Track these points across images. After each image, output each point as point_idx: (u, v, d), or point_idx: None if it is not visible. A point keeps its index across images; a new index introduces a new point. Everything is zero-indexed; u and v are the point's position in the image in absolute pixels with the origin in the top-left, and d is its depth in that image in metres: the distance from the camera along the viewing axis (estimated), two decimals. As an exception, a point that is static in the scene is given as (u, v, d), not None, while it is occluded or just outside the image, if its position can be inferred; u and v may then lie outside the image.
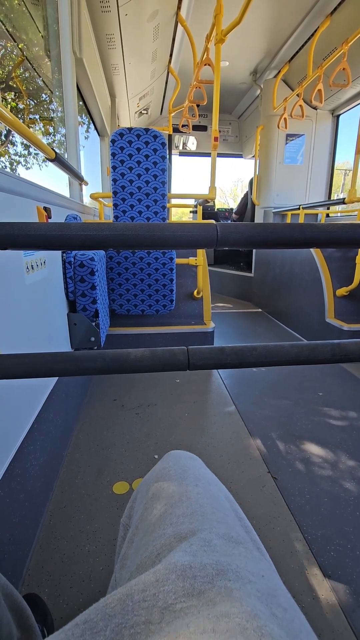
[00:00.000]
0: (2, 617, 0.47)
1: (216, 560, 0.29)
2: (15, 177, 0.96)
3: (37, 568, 0.87)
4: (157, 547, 0.34)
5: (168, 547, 0.33)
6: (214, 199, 2.13)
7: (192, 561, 0.29)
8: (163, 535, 0.35)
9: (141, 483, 0.51)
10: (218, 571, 0.28)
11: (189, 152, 5.30)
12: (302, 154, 3.86)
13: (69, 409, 1.42)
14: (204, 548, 0.32)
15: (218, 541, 0.33)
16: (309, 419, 1.56)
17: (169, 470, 0.48)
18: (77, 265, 1.46)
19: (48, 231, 0.52)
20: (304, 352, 0.61)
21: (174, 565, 0.29)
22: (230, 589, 0.26)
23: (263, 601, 0.26)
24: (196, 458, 0.55)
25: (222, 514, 0.39)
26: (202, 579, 0.27)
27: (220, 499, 0.43)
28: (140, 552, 0.36)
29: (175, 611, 0.25)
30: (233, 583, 0.27)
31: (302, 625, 0.27)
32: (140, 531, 0.40)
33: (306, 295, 2.69)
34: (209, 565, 0.29)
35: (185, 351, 0.60)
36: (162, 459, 0.54)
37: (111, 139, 1.79)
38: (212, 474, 0.51)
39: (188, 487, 0.43)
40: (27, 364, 0.58)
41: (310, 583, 0.84)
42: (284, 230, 0.55)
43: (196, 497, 0.41)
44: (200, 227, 0.54)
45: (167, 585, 0.27)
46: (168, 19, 2.63)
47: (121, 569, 0.39)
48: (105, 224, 0.53)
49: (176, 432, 1.45)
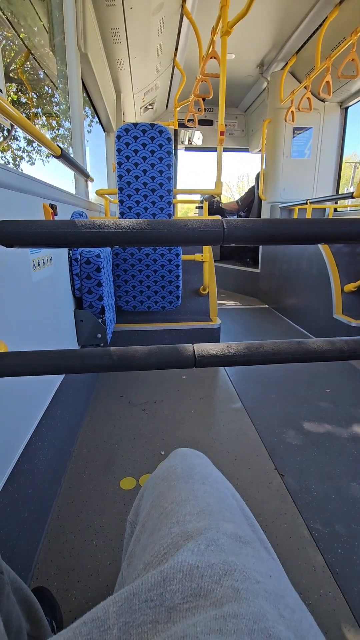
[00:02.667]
0: (12, 610, 0.48)
1: (223, 560, 0.29)
2: (22, 174, 0.96)
3: (45, 562, 0.88)
4: (164, 545, 0.34)
5: (175, 546, 0.33)
6: (221, 194, 2.11)
7: (199, 561, 0.29)
8: (170, 534, 0.35)
9: (148, 481, 0.51)
10: (225, 571, 0.28)
11: (194, 147, 5.26)
12: (310, 147, 3.81)
13: (76, 405, 1.43)
14: (211, 547, 0.31)
15: (225, 541, 0.33)
16: (316, 416, 1.55)
17: (175, 468, 0.48)
18: (83, 262, 1.46)
19: (54, 229, 0.52)
20: (312, 349, 0.61)
21: (180, 565, 0.29)
22: (237, 590, 0.26)
23: (271, 602, 0.26)
24: (203, 456, 0.55)
25: (229, 512, 0.39)
26: (209, 579, 0.27)
27: (227, 498, 0.43)
28: (147, 551, 0.36)
29: (182, 611, 0.25)
30: (240, 583, 0.27)
31: (310, 626, 0.27)
32: (147, 529, 0.40)
33: (313, 291, 2.66)
34: (216, 565, 0.29)
35: (192, 348, 0.59)
36: (169, 457, 0.54)
37: (117, 135, 1.78)
38: (219, 472, 0.51)
39: (195, 485, 0.43)
40: (34, 361, 0.58)
41: (317, 580, 0.84)
42: (291, 226, 0.54)
43: (203, 495, 0.41)
44: (207, 223, 0.54)
45: (174, 585, 0.27)
46: (173, 11, 2.59)
47: (128, 567, 0.39)
48: (112, 221, 0.53)
49: (183, 428, 1.45)
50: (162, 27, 2.72)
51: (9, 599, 0.47)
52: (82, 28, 1.86)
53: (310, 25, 2.77)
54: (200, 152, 5.45)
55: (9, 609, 0.47)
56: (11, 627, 0.46)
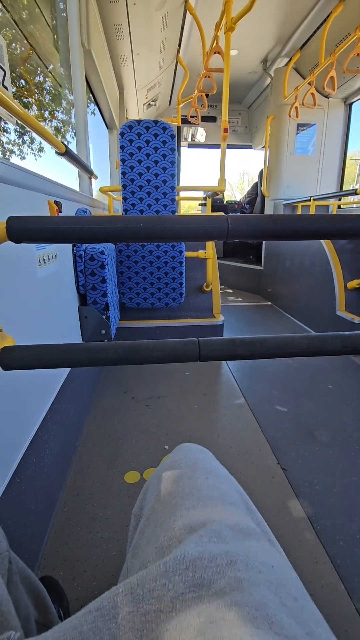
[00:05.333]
0: (21, 598, 0.49)
1: (226, 551, 0.30)
2: (28, 171, 0.97)
3: (52, 552, 0.90)
4: (168, 538, 0.34)
5: (178, 539, 0.33)
6: (224, 191, 2.11)
7: (202, 552, 0.30)
8: (173, 527, 0.36)
9: (152, 475, 0.52)
10: (228, 562, 0.29)
11: (197, 144, 5.24)
12: (314, 144, 3.79)
13: (80, 400, 1.45)
14: (214, 539, 0.32)
15: (228, 532, 0.33)
16: (319, 412, 1.56)
17: (179, 463, 0.49)
18: (87, 259, 1.48)
19: (62, 224, 0.53)
20: (315, 343, 0.61)
21: (183, 556, 0.29)
22: (240, 579, 0.27)
23: (272, 591, 0.26)
24: (206, 451, 0.55)
25: (232, 506, 0.40)
26: (212, 570, 0.28)
27: (230, 492, 0.43)
28: (151, 543, 0.36)
29: (186, 600, 0.26)
30: (243, 573, 0.27)
31: (312, 613, 0.27)
32: (151, 522, 0.41)
33: (316, 288, 2.66)
34: (219, 556, 0.29)
35: (197, 342, 0.60)
36: (173, 452, 0.55)
37: (120, 132, 1.78)
38: (223, 467, 0.52)
39: (198, 479, 0.44)
40: (42, 354, 0.59)
41: (319, 571, 0.85)
42: (295, 221, 0.55)
43: (206, 489, 0.42)
44: (211, 219, 0.55)
45: (177, 576, 0.28)
46: (176, 7, 2.59)
47: (133, 558, 0.40)
48: (117, 217, 0.54)
49: (186, 423, 1.47)
50: (165, 23, 2.71)
51: (17, 588, 0.49)
52: (85, 25, 1.86)
53: (315, 20, 2.75)
54: (203, 148, 5.43)
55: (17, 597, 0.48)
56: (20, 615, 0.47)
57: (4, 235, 0.52)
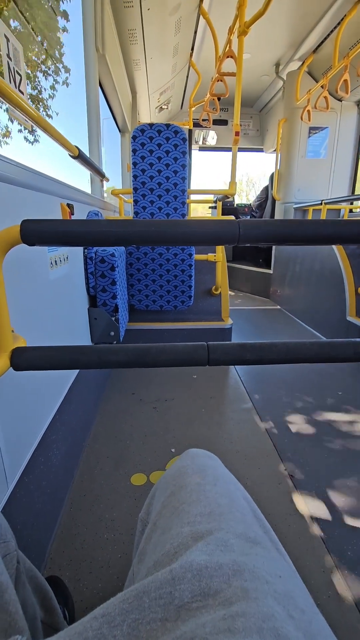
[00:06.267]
0: (28, 598, 0.50)
1: (233, 560, 0.29)
2: (42, 175, 0.98)
3: (58, 553, 0.91)
4: (174, 545, 0.34)
5: (185, 546, 0.33)
6: (234, 195, 2.11)
7: (209, 561, 0.29)
8: (180, 533, 0.35)
9: (160, 480, 0.52)
10: (234, 571, 0.28)
11: (209, 147, 5.25)
12: (326, 147, 3.76)
13: (88, 401, 1.46)
14: (221, 548, 0.32)
15: (235, 541, 0.33)
16: (327, 418, 1.54)
17: (187, 468, 0.49)
18: (98, 261, 1.49)
19: (75, 228, 0.54)
20: (324, 350, 0.61)
21: (190, 565, 0.29)
22: (246, 589, 0.26)
23: (280, 602, 0.26)
24: (214, 457, 0.55)
25: (240, 513, 0.39)
26: (219, 579, 0.28)
27: (238, 499, 0.43)
28: (157, 549, 0.36)
29: (191, 610, 0.26)
30: (249, 583, 0.27)
31: (320, 627, 0.27)
32: (158, 528, 0.41)
33: (327, 292, 2.63)
34: (225, 565, 0.29)
35: (206, 346, 0.60)
36: (181, 457, 0.54)
37: (132, 135, 1.80)
38: (230, 474, 0.51)
39: (206, 486, 0.43)
40: (53, 356, 0.60)
41: (326, 581, 0.84)
42: (306, 226, 0.55)
43: (214, 496, 0.41)
44: (222, 223, 0.55)
45: (183, 584, 0.27)
46: (190, 12, 2.60)
47: (139, 564, 0.40)
48: (129, 221, 0.54)
49: (193, 427, 1.46)
50: (178, 28, 2.73)
51: (24, 588, 0.49)
52: (100, 30, 1.89)
53: (328, 24, 2.74)
54: (214, 151, 5.44)
55: (24, 597, 0.48)
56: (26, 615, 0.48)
57: (18, 238, 0.53)
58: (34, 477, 0.86)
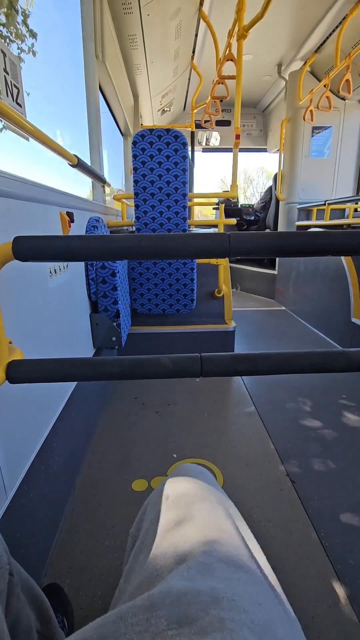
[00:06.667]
0: (22, 611, 0.50)
1: (212, 587, 0.29)
2: (38, 185, 0.99)
3: (59, 560, 0.91)
4: (157, 567, 0.34)
5: (167, 569, 0.33)
6: (237, 198, 2.11)
7: (188, 587, 0.29)
8: (164, 555, 0.35)
9: (150, 496, 0.52)
10: (213, 599, 0.28)
11: (212, 148, 5.25)
12: (329, 146, 3.73)
13: (90, 407, 1.47)
14: (202, 572, 0.32)
15: (217, 565, 0.33)
16: (331, 423, 1.53)
17: (176, 487, 0.48)
18: (98, 267, 1.50)
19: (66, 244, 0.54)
20: (319, 360, 0.61)
21: (169, 590, 0.29)
22: (222, 620, 0.26)
23: (256, 633, 0.26)
24: (206, 473, 0.55)
25: (226, 534, 0.39)
26: (196, 607, 0.27)
27: (226, 519, 0.43)
28: (142, 570, 0.36)
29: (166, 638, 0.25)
30: (227, 613, 0.27)
31: None
32: (145, 547, 0.41)
33: (331, 293, 2.61)
34: (204, 592, 0.29)
35: (199, 358, 0.61)
36: (172, 473, 0.54)
37: (133, 141, 1.81)
38: (221, 491, 0.51)
39: (193, 505, 0.43)
40: (48, 369, 0.61)
41: (326, 590, 0.83)
42: (298, 239, 0.55)
43: (200, 516, 0.41)
44: (213, 236, 0.55)
45: (161, 610, 0.27)
46: (190, 16, 2.61)
47: (125, 582, 0.40)
48: (121, 236, 0.55)
49: (195, 431, 1.46)
50: (179, 32, 2.74)
51: (19, 600, 0.49)
52: (100, 37, 1.90)
53: (330, 23, 2.72)
54: (218, 152, 5.43)
55: (19, 609, 0.49)
56: (21, 627, 0.48)
57: (10, 254, 0.54)
58: (34, 485, 0.87)
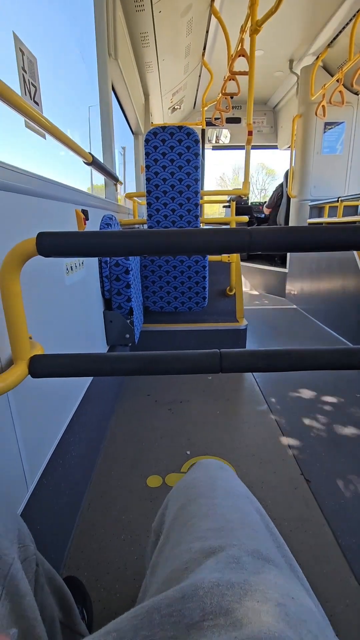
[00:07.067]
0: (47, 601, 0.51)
1: (244, 580, 0.29)
2: (57, 183, 1.01)
3: (76, 553, 0.93)
4: (184, 561, 0.34)
5: (196, 562, 0.33)
6: (248, 194, 2.09)
7: (220, 579, 0.29)
8: (190, 549, 0.35)
9: (172, 491, 0.52)
10: (246, 591, 0.28)
11: (222, 146, 5.22)
12: (342, 142, 3.68)
13: (104, 403, 1.48)
14: (232, 565, 0.31)
15: (247, 558, 0.32)
16: (345, 422, 1.51)
17: (198, 481, 0.48)
18: (112, 265, 1.51)
19: (87, 240, 0.55)
20: (340, 357, 0.60)
21: (201, 582, 0.29)
22: (258, 611, 0.26)
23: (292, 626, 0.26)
24: (227, 468, 0.54)
25: (251, 529, 0.39)
26: (230, 598, 0.27)
27: (250, 513, 0.42)
28: (168, 563, 0.36)
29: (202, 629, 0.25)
30: (261, 605, 0.27)
31: None
32: (170, 541, 0.40)
33: (345, 291, 2.58)
34: (237, 584, 0.28)
35: (218, 354, 0.61)
36: (193, 468, 0.54)
37: (145, 139, 1.81)
38: (243, 486, 0.50)
39: (216, 499, 0.43)
40: (68, 364, 0.62)
41: (343, 590, 0.83)
42: (316, 234, 0.54)
43: (225, 511, 0.41)
44: (233, 232, 0.55)
45: (194, 602, 0.27)
46: (201, 12, 2.59)
47: (151, 576, 0.40)
48: (141, 231, 0.55)
49: (208, 429, 1.47)
50: (190, 28, 2.73)
51: (43, 590, 0.50)
52: (112, 35, 1.90)
53: (344, 16, 2.68)
54: (228, 150, 5.40)
55: (43, 599, 0.50)
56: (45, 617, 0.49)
57: (34, 250, 0.54)
58: (52, 479, 0.88)
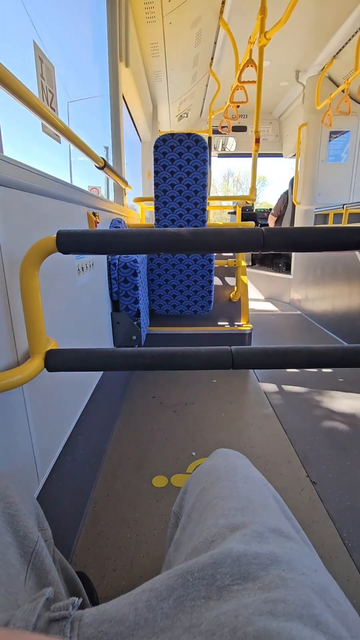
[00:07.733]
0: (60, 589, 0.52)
1: (269, 551, 0.31)
2: (72, 186, 1.03)
3: (83, 549, 0.93)
4: (212, 534, 0.35)
5: (222, 536, 0.34)
6: (255, 200, 2.12)
7: (247, 549, 0.31)
8: (216, 524, 0.37)
9: (191, 476, 0.53)
10: (272, 561, 0.29)
11: (228, 154, 5.29)
12: (347, 151, 3.72)
13: (111, 403, 1.49)
14: (257, 539, 0.33)
15: (269, 534, 0.34)
16: (351, 424, 1.51)
17: (218, 466, 0.50)
18: (121, 267, 1.53)
19: (104, 237, 0.57)
20: (348, 355, 0.61)
21: (229, 551, 0.31)
22: (284, 578, 0.27)
23: (317, 593, 0.27)
24: (244, 457, 0.56)
25: (271, 511, 0.40)
26: (257, 566, 0.29)
27: (268, 497, 0.44)
28: (194, 538, 0.38)
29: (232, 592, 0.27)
30: (287, 573, 0.28)
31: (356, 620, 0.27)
32: (193, 520, 0.42)
33: (349, 297, 2.59)
34: (263, 554, 0.30)
35: (230, 351, 0.62)
36: (211, 456, 0.56)
37: (154, 145, 1.85)
38: (260, 474, 0.52)
39: (237, 483, 0.45)
40: (84, 358, 0.63)
41: (351, 590, 0.83)
42: (329, 234, 0.56)
43: (245, 493, 0.42)
44: (247, 231, 0.57)
45: (224, 568, 0.29)
46: (210, 23, 2.66)
47: (175, 552, 0.42)
48: (157, 230, 0.57)
49: (213, 431, 1.47)
50: (199, 39, 2.79)
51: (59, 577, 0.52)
52: (124, 46, 1.96)
53: (349, 29, 2.73)
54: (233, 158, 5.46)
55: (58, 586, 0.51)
56: None
57: (54, 246, 0.57)
58: (61, 474, 0.89)
